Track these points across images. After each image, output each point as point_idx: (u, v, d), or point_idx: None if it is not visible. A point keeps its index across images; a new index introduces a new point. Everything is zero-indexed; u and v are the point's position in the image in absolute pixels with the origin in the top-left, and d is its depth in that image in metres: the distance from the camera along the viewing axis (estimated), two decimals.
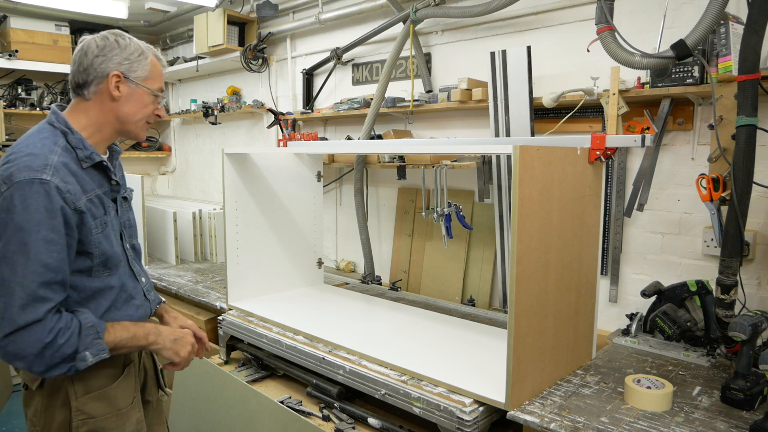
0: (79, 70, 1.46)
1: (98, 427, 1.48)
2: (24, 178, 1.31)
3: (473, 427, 1.63)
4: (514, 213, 1.57)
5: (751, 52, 1.78)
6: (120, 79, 1.47)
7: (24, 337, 1.29)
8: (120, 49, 1.47)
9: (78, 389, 1.46)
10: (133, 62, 1.49)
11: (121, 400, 1.53)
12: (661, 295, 2.20)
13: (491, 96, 2.62)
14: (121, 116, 1.51)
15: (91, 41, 1.47)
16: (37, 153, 1.36)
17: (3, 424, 3.56)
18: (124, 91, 1.49)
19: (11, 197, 1.30)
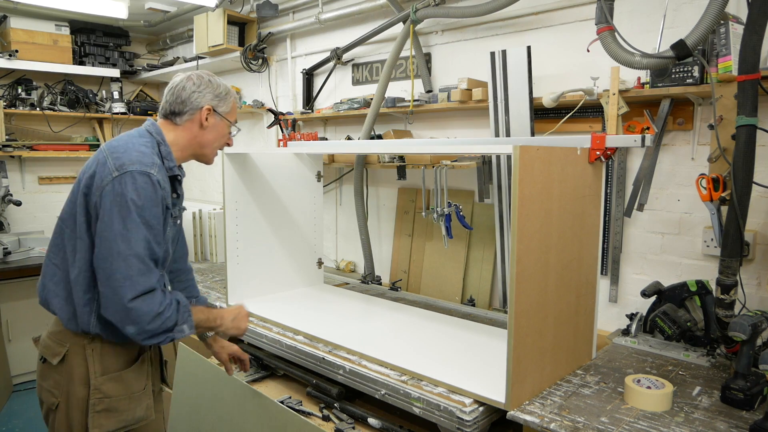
0: (177, 101, 1.72)
1: (112, 406, 1.63)
2: (135, 169, 1.54)
3: (473, 427, 1.63)
4: (514, 213, 1.57)
5: (751, 52, 1.78)
6: (210, 112, 1.74)
7: (143, 304, 1.50)
8: (212, 87, 1.75)
9: (97, 369, 1.62)
10: (222, 99, 1.77)
11: (134, 385, 1.69)
12: (661, 295, 2.20)
13: (491, 96, 2.62)
14: (202, 142, 1.77)
15: (187, 77, 1.74)
16: (145, 152, 1.60)
17: (3, 424, 3.55)
18: (211, 122, 1.75)
19: (125, 183, 1.52)
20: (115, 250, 1.49)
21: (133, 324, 1.50)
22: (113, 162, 1.55)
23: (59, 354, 1.63)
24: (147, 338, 1.54)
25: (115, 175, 1.53)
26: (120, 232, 1.50)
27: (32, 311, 4.06)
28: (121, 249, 1.49)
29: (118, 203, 1.50)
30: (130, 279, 1.49)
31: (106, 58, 4.79)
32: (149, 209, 1.54)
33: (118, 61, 4.84)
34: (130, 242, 1.50)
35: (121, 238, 1.50)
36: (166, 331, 1.56)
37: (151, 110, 5.09)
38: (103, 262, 1.51)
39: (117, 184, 1.51)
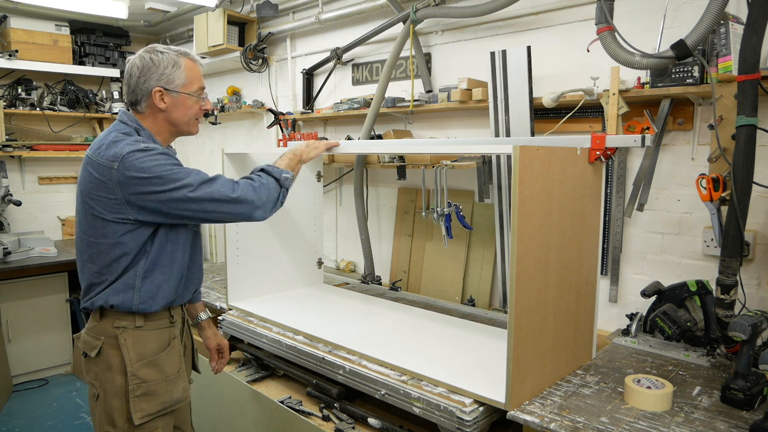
0: (129, 91, 1.71)
1: (150, 390, 1.68)
2: (131, 149, 1.57)
3: (473, 427, 1.63)
4: (514, 213, 1.57)
5: (751, 52, 1.78)
6: (162, 92, 1.69)
7: (242, 191, 1.68)
8: (155, 66, 1.68)
9: (132, 357, 1.66)
10: (170, 75, 1.69)
11: (169, 368, 1.73)
12: (661, 295, 2.20)
13: (491, 96, 2.62)
14: (172, 121, 1.74)
15: (132, 64, 1.71)
16: (123, 139, 1.62)
17: (3, 424, 3.55)
18: (168, 101, 1.70)
19: (131, 166, 1.56)
20: (194, 194, 1.60)
21: (248, 203, 1.68)
22: (104, 155, 1.59)
23: (96, 347, 1.68)
24: (273, 207, 1.79)
25: (116, 165, 1.56)
26: (174, 188, 1.58)
27: (32, 311, 4.06)
28: (198, 192, 1.61)
29: (139, 180, 1.56)
30: (227, 196, 1.64)
31: (106, 58, 4.79)
32: (168, 158, 1.62)
33: (118, 61, 4.84)
34: (190, 184, 1.60)
35: (184, 187, 1.59)
36: (276, 192, 1.79)
37: None
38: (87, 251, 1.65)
39: (126, 169, 1.56)
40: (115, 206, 1.60)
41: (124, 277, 1.66)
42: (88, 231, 1.67)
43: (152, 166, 1.57)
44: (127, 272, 1.66)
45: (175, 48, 1.75)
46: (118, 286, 1.66)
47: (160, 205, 1.60)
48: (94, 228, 1.65)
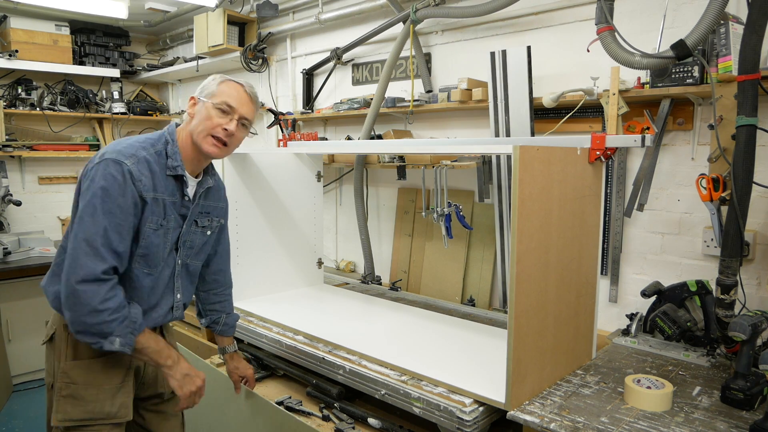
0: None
1: (77, 393, 1.60)
2: (110, 158, 1.54)
3: (473, 427, 1.63)
4: (514, 213, 1.57)
5: (751, 52, 1.78)
6: (195, 100, 1.70)
7: (86, 290, 1.47)
8: (204, 81, 1.73)
9: (69, 353, 1.62)
10: (207, 86, 1.71)
11: (103, 377, 1.63)
12: (661, 295, 2.20)
13: (491, 96, 2.62)
14: (191, 130, 1.69)
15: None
16: (132, 145, 1.60)
17: (3, 424, 3.55)
18: (195, 109, 1.70)
19: (97, 170, 1.53)
20: (74, 230, 1.52)
21: (70, 309, 1.48)
22: (99, 152, 1.59)
23: (48, 335, 1.68)
24: (79, 331, 1.49)
25: (96, 162, 1.55)
26: (81, 214, 1.51)
27: (32, 311, 4.06)
28: (77, 230, 1.51)
29: (87, 187, 1.53)
30: (76, 260, 1.48)
31: (106, 58, 4.79)
32: (114, 198, 1.51)
33: (118, 61, 4.84)
34: (84, 225, 1.50)
35: (79, 221, 1.51)
36: (98, 335, 1.49)
37: (151, 110, 5.09)
38: (64, 240, 1.59)
39: (93, 171, 1.54)
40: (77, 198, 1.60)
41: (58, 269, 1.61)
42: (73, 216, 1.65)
43: (100, 183, 1.50)
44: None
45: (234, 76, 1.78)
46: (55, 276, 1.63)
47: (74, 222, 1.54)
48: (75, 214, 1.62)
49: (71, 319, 1.49)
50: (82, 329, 1.49)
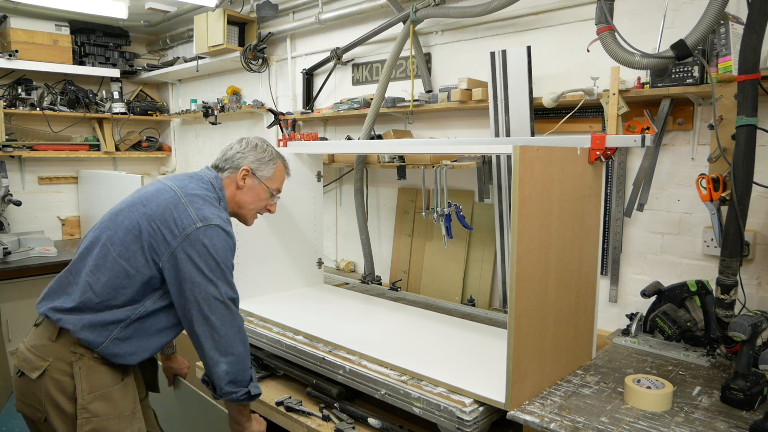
0: (223, 158, 1.88)
1: (101, 426, 1.58)
2: (218, 224, 1.65)
3: (473, 427, 1.63)
4: (514, 213, 1.57)
5: (751, 52, 1.78)
6: (248, 173, 1.84)
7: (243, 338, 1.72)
8: (256, 151, 1.86)
9: (84, 388, 1.57)
10: (263, 163, 1.87)
11: (122, 404, 1.63)
12: (661, 295, 2.20)
13: (491, 96, 2.62)
14: (239, 202, 1.87)
15: (239, 141, 1.89)
16: (218, 207, 1.74)
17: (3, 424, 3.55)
18: (248, 183, 1.85)
19: (210, 235, 1.62)
20: (217, 296, 1.63)
21: (235, 365, 1.67)
22: (195, 212, 1.64)
23: (39, 368, 1.59)
24: (232, 382, 1.66)
25: (199, 225, 1.62)
26: (208, 279, 1.61)
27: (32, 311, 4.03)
28: (220, 295, 1.63)
29: (204, 253, 1.61)
30: (228, 313, 1.65)
31: (106, 58, 4.79)
32: (229, 259, 1.69)
33: (118, 61, 4.84)
34: (217, 285, 1.63)
35: (210, 283, 1.61)
36: (244, 384, 1.71)
37: (151, 110, 5.10)
38: (205, 307, 1.62)
39: (201, 235, 1.61)
40: (159, 248, 1.61)
41: (109, 314, 1.60)
42: (114, 246, 1.63)
43: (221, 251, 1.64)
44: (115, 311, 1.61)
45: (277, 149, 1.95)
46: (94, 320, 1.59)
47: (188, 284, 1.61)
48: (126, 248, 1.62)
49: (237, 371, 1.66)
50: (236, 378, 1.68)
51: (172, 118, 5.15)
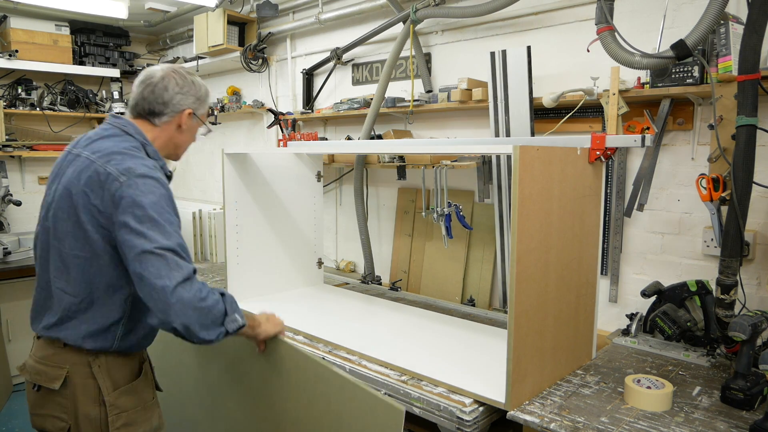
0: (157, 101, 1.63)
1: (131, 419, 1.59)
2: (143, 173, 1.48)
3: (473, 427, 1.63)
4: (514, 213, 1.57)
5: (751, 52, 1.78)
6: (191, 115, 1.70)
7: (190, 287, 1.43)
8: (195, 88, 1.70)
9: (108, 385, 1.56)
10: (202, 101, 1.73)
11: (146, 395, 1.65)
12: (661, 295, 2.20)
13: (491, 96, 2.62)
14: (177, 143, 1.73)
15: (167, 76, 1.64)
16: (141, 157, 1.55)
17: (3, 424, 3.55)
18: (188, 125, 1.71)
19: (136, 184, 1.46)
20: (147, 248, 1.42)
21: (180, 316, 1.40)
22: (115, 166, 1.48)
23: (59, 377, 1.53)
24: (200, 330, 1.44)
25: (123, 179, 1.46)
26: (142, 229, 1.43)
27: None
28: (157, 238, 1.43)
29: (136, 203, 1.44)
30: (168, 268, 1.42)
31: (106, 58, 4.79)
32: (166, 206, 1.50)
33: (118, 61, 4.84)
34: (163, 233, 1.44)
35: (155, 228, 1.44)
36: (216, 322, 1.48)
37: None
38: (136, 265, 1.43)
39: (130, 188, 1.45)
40: (102, 222, 1.47)
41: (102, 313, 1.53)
42: (65, 239, 1.50)
43: (148, 198, 1.45)
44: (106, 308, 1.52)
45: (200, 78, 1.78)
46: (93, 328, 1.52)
47: (122, 247, 1.45)
48: (74, 237, 1.49)
49: (186, 323, 1.42)
50: (202, 327, 1.45)
51: None
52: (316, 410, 1.65)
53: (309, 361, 1.71)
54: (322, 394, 1.62)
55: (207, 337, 1.47)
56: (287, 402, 1.76)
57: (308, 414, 1.68)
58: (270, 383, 1.84)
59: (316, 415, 1.65)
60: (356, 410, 1.49)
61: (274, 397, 1.82)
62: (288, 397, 1.76)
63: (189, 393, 2.19)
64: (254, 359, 1.87)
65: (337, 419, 1.58)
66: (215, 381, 2.07)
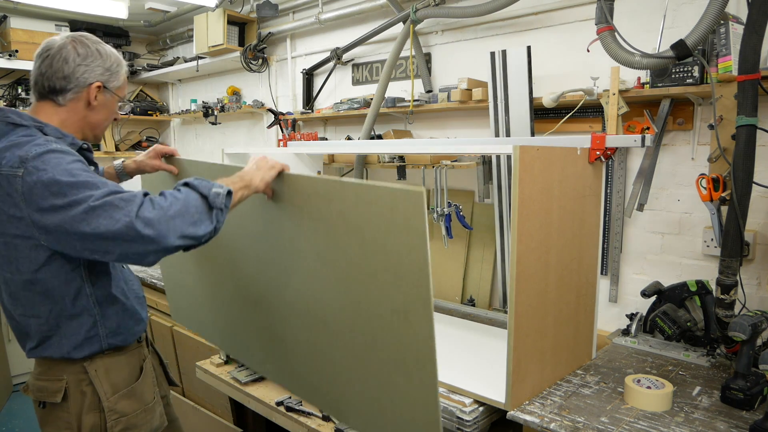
0: (57, 75, 1.42)
1: (131, 424, 1.52)
2: (36, 153, 1.28)
3: (473, 427, 1.63)
4: (514, 213, 1.57)
5: (751, 52, 1.78)
6: (100, 89, 1.48)
7: (149, 206, 1.24)
8: (102, 59, 1.47)
9: (107, 390, 1.50)
10: (113, 73, 1.51)
11: (146, 395, 1.59)
12: (661, 295, 2.20)
13: (491, 96, 2.62)
14: (92, 122, 1.51)
15: (70, 47, 1.42)
16: (30, 141, 1.33)
17: (3, 424, 3.56)
18: (101, 99, 1.49)
19: (35, 167, 1.27)
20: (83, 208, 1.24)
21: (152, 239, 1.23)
22: (8, 162, 1.30)
23: (60, 390, 1.48)
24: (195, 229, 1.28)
25: (23, 168, 1.28)
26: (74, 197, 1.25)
27: None
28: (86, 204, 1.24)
29: (43, 188, 1.26)
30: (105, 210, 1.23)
31: None
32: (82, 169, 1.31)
33: None
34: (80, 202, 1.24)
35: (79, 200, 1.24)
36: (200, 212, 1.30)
37: (151, 110, 5.09)
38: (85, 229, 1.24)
39: (32, 173, 1.27)
40: (22, 227, 1.31)
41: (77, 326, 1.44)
42: (2, 263, 1.39)
43: (57, 171, 1.26)
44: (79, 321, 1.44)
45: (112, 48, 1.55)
46: (76, 340, 1.44)
47: (59, 233, 1.28)
48: (8, 260, 1.37)
49: (179, 234, 1.25)
50: (194, 225, 1.28)
51: (172, 118, 5.14)
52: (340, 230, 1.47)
53: (317, 182, 1.55)
54: (339, 213, 1.46)
55: (207, 229, 1.31)
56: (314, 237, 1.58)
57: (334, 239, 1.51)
58: (292, 226, 1.67)
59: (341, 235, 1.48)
60: (378, 212, 1.36)
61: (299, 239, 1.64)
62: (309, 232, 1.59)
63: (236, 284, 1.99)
64: (270, 212, 1.74)
65: (358, 231, 1.42)
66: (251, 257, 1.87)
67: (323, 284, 1.56)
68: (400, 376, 1.42)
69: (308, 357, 1.73)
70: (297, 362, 1.79)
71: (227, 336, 2.14)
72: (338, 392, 1.66)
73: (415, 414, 1.43)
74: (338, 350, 1.60)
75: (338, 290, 1.52)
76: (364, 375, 1.53)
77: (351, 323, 1.52)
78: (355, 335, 1.52)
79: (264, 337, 1.90)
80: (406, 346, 1.40)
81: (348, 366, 1.58)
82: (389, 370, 1.45)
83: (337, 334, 1.58)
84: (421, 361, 1.37)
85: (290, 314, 1.72)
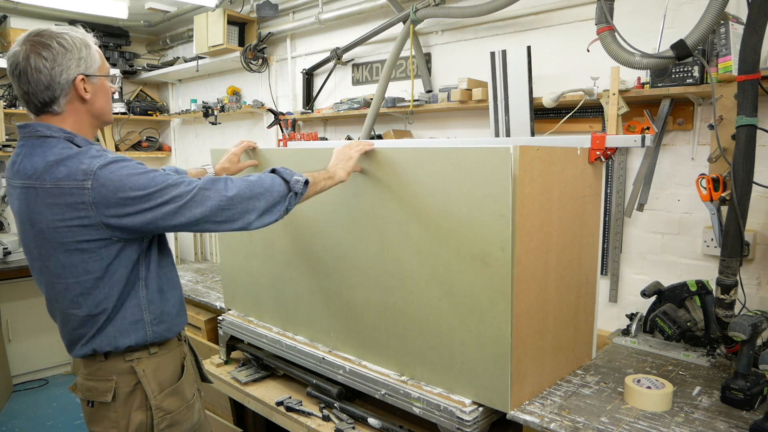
0: (39, 89, 1.40)
1: (174, 420, 1.57)
2: (102, 163, 1.37)
3: (473, 427, 1.63)
4: (514, 213, 1.57)
5: (751, 52, 1.78)
6: (84, 80, 1.45)
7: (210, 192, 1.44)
8: (69, 52, 1.42)
9: (154, 389, 1.54)
10: (86, 58, 1.45)
11: (188, 393, 1.64)
12: (661, 295, 2.20)
13: (491, 96, 2.63)
14: (96, 112, 1.51)
15: (33, 55, 1.38)
16: (81, 152, 1.40)
17: (3, 424, 3.56)
18: (90, 89, 1.47)
19: (108, 177, 1.36)
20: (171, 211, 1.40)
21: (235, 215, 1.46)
22: (72, 171, 1.36)
23: (110, 390, 1.50)
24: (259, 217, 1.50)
25: (88, 178, 1.35)
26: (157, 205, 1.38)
27: (32, 311, 4.06)
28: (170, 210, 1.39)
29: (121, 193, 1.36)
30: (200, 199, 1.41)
31: (106, 58, 4.78)
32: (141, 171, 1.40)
33: (118, 61, 4.84)
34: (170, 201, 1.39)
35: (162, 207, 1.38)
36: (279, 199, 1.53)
37: (151, 110, 5.10)
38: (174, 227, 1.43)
39: (100, 180, 1.35)
40: (92, 232, 1.39)
41: (126, 312, 1.50)
42: (64, 273, 1.44)
43: (131, 180, 1.37)
44: (127, 306, 1.50)
45: (68, 27, 1.49)
46: (123, 325, 1.49)
47: (147, 224, 1.40)
48: (73, 266, 1.43)
49: (247, 217, 1.47)
50: (262, 212, 1.50)
51: (172, 118, 5.15)
52: (427, 191, 1.71)
53: (408, 152, 1.76)
54: (429, 175, 1.69)
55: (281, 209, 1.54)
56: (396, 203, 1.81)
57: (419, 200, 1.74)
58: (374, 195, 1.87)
59: (428, 195, 1.71)
60: (467, 168, 1.59)
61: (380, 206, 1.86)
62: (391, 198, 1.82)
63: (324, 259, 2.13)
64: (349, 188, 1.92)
65: (445, 189, 1.66)
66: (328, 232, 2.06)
67: (402, 246, 1.80)
68: (474, 316, 1.64)
69: (379, 317, 1.92)
70: (366, 324, 1.98)
71: (289, 312, 2.31)
72: (407, 346, 1.85)
73: (485, 351, 1.63)
74: (412, 305, 1.81)
75: (418, 248, 1.75)
76: (436, 324, 1.74)
77: (428, 277, 1.74)
78: (431, 287, 1.74)
79: (333, 306, 2.09)
80: (481, 287, 1.61)
81: (420, 319, 1.79)
82: (462, 314, 1.66)
83: (413, 290, 1.79)
84: (495, 299, 1.58)
85: (365, 279, 1.94)
